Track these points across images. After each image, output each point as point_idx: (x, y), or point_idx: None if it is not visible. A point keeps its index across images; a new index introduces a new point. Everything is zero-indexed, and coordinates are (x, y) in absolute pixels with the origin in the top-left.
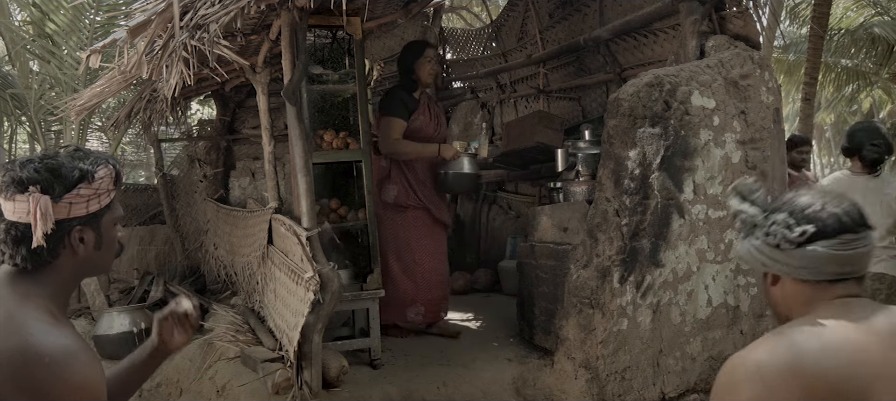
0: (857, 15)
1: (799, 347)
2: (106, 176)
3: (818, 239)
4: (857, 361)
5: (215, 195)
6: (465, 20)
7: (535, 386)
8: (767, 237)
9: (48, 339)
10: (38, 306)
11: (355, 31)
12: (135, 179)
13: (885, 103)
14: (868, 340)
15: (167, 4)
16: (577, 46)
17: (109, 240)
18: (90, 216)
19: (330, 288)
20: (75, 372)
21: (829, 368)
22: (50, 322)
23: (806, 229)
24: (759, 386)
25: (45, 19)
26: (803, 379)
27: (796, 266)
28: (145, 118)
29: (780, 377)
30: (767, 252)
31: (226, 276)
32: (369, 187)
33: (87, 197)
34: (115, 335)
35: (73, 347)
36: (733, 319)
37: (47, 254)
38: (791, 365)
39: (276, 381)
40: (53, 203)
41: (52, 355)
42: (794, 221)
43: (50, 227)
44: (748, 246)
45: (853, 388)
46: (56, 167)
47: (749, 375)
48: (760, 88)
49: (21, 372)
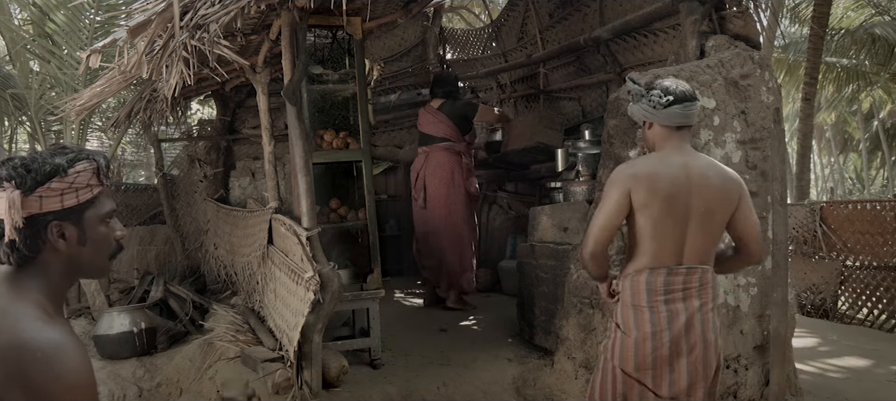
0: (858, 15)
1: (652, 163)
2: (84, 171)
3: (674, 104)
4: (682, 175)
5: (215, 195)
6: (466, 20)
7: (535, 386)
8: (650, 103)
9: (40, 334)
10: (32, 301)
11: (355, 31)
12: (135, 178)
13: (885, 103)
14: (689, 165)
15: (167, 4)
16: (577, 46)
17: (96, 237)
18: (68, 211)
19: (330, 288)
20: (67, 367)
21: (665, 175)
22: (42, 318)
23: (669, 98)
24: (630, 181)
25: (45, 19)
26: (651, 179)
27: (662, 118)
28: (145, 118)
29: (640, 176)
30: (648, 110)
31: (226, 276)
32: (369, 187)
33: (60, 191)
34: (116, 335)
35: (65, 342)
36: (734, 319)
37: (26, 249)
38: (647, 171)
39: (277, 381)
40: (23, 197)
41: (44, 350)
42: (662, 93)
43: (19, 220)
44: (637, 107)
45: (680, 191)
46: (30, 162)
47: (623, 175)
48: (760, 88)
49: (13, 367)
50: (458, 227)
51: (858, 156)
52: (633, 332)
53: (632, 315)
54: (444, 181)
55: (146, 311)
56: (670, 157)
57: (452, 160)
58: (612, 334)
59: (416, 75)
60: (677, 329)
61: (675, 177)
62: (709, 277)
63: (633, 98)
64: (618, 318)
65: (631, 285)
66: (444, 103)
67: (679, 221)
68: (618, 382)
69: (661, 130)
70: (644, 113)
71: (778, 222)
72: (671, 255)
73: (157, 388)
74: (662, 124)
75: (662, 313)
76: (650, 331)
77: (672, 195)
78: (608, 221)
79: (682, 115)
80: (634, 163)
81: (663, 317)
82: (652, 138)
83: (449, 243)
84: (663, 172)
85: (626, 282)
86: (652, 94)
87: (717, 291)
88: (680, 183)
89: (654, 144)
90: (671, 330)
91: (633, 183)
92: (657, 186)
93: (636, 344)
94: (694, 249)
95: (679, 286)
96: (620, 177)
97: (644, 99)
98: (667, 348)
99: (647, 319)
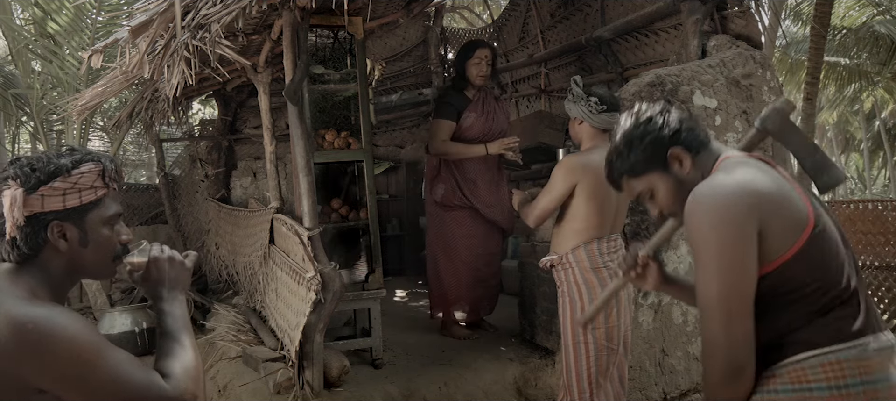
0: (860, 14)
1: (593, 156)
2: (89, 172)
3: (606, 111)
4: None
5: (217, 195)
6: (467, 20)
7: (536, 386)
8: (588, 106)
9: (29, 310)
10: (23, 287)
11: (357, 31)
12: (136, 178)
13: (887, 103)
14: None
15: (169, 4)
16: (579, 46)
17: (98, 239)
18: (71, 212)
19: (331, 288)
20: (61, 326)
21: (596, 165)
22: (30, 300)
23: (603, 107)
24: (580, 171)
25: (46, 19)
26: (596, 170)
27: (595, 121)
28: (147, 118)
29: (588, 168)
30: (586, 112)
31: (227, 275)
32: (371, 187)
33: (62, 190)
34: (117, 335)
35: (51, 311)
36: None
37: (26, 247)
38: (593, 164)
39: (278, 380)
40: (26, 195)
41: (35, 320)
42: (599, 101)
43: (19, 218)
44: (576, 106)
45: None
46: (36, 162)
47: (573, 166)
48: (762, 88)
49: (13, 342)
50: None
51: (860, 156)
52: (587, 300)
53: (584, 287)
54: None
55: (147, 310)
56: (601, 151)
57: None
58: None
59: (418, 75)
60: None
61: (600, 166)
62: (620, 241)
63: (574, 99)
64: (572, 293)
65: (586, 253)
66: None
67: (611, 201)
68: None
69: (590, 129)
70: (581, 113)
71: None
72: (607, 227)
73: None
74: (593, 126)
75: (604, 274)
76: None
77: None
78: (554, 203)
79: (608, 121)
80: (580, 156)
81: (606, 276)
82: (581, 134)
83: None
84: (602, 163)
85: (578, 253)
86: (591, 100)
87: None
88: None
89: (581, 140)
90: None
91: (581, 173)
92: (600, 174)
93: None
94: (617, 220)
95: (613, 250)
96: (571, 167)
97: (583, 101)
98: (615, 306)
99: (596, 283)
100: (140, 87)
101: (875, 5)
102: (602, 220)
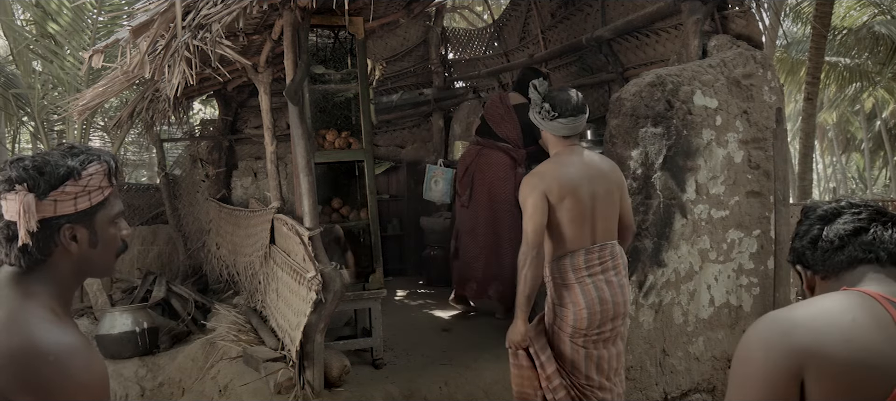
0: (860, 14)
1: (554, 166)
2: (96, 173)
3: (559, 118)
4: (580, 169)
5: (217, 195)
6: (467, 20)
7: None
8: (541, 113)
9: (51, 337)
10: (41, 304)
11: (358, 31)
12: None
13: (887, 103)
14: (583, 160)
15: (169, 4)
16: (580, 46)
17: (106, 239)
18: (81, 214)
19: (332, 288)
20: (79, 369)
21: (567, 173)
22: (52, 320)
23: (554, 113)
24: (542, 184)
25: (47, 19)
26: (558, 179)
27: (548, 128)
28: (148, 118)
29: (548, 178)
30: (538, 120)
31: (228, 275)
32: (371, 187)
33: (74, 194)
34: (117, 335)
35: (77, 344)
36: (736, 319)
37: (38, 252)
38: (553, 174)
39: (279, 380)
40: (38, 201)
41: (56, 353)
42: (551, 108)
43: (33, 225)
44: (532, 114)
45: (582, 182)
46: (42, 165)
47: (535, 181)
48: (763, 88)
49: (25, 370)
50: (500, 234)
51: (861, 156)
52: (570, 306)
53: (565, 292)
54: (494, 182)
55: (148, 310)
56: (565, 158)
57: (508, 164)
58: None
59: (418, 75)
60: (605, 298)
61: (576, 173)
62: (617, 249)
63: (532, 106)
64: (555, 299)
65: (558, 268)
66: (523, 105)
67: (587, 208)
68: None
69: (550, 136)
70: (536, 121)
71: (780, 222)
72: (586, 237)
73: (159, 387)
74: (549, 133)
75: (589, 285)
76: (584, 302)
77: (577, 187)
78: (539, 223)
79: (564, 127)
80: (539, 171)
81: (591, 288)
82: (546, 141)
83: (485, 246)
84: (565, 172)
85: (553, 266)
86: (543, 106)
87: (624, 258)
88: (581, 176)
89: (548, 147)
90: (601, 301)
91: (545, 185)
92: (563, 183)
93: (575, 316)
94: (601, 228)
95: (596, 262)
96: (533, 184)
97: (537, 108)
98: (598, 316)
99: (579, 292)
100: (141, 88)
101: (875, 5)
102: (575, 232)
